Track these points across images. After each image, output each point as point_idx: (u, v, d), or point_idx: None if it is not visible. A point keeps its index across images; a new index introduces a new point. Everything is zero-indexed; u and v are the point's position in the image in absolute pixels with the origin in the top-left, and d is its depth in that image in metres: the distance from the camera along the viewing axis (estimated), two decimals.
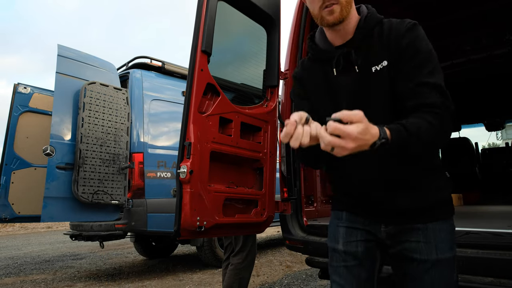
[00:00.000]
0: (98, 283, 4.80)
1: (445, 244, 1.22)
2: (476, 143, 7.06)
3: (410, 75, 1.18)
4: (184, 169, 2.20)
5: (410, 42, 1.22)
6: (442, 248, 1.21)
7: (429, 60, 1.20)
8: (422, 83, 1.15)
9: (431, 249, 1.21)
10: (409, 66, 1.20)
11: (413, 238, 1.24)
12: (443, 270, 1.20)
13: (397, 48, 1.22)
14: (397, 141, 1.04)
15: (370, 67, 1.26)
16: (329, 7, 1.24)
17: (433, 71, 1.18)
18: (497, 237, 2.05)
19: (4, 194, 4.43)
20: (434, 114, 1.11)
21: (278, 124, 2.99)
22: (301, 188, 2.90)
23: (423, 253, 1.21)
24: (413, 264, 1.23)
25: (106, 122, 4.30)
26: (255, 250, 3.03)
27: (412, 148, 1.09)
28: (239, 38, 3.02)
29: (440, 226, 1.24)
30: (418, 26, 1.26)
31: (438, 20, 4.23)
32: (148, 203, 4.64)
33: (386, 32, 1.26)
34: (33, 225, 14.86)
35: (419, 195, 1.25)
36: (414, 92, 1.16)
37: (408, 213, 1.26)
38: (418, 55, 1.20)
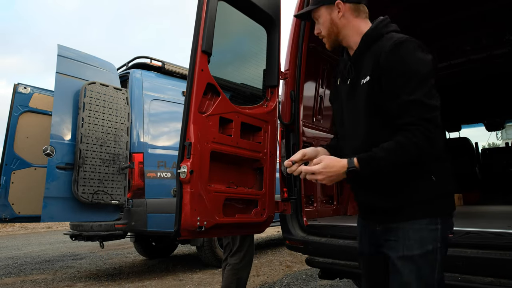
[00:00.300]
0: (98, 283, 4.80)
1: (413, 241, 1.31)
2: (476, 143, 7.06)
3: (393, 94, 1.29)
4: (184, 169, 2.20)
5: (393, 61, 1.30)
6: (409, 245, 1.31)
7: (410, 78, 1.27)
8: (403, 102, 1.26)
9: (399, 247, 1.33)
10: (391, 85, 1.30)
11: (390, 237, 1.38)
12: (412, 266, 1.29)
13: (380, 66, 1.32)
14: (365, 168, 1.27)
15: (360, 80, 1.40)
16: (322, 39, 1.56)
17: (415, 87, 1.25)
18: (497, 237, 2.05)
19: (4, 194, 4.42)
20: (407, 133, 1.24)
21: (278, 124, 2.99)
22: (301, 188, 2.90)
23: (393, 250, 1.35)
24: (390, 260, 1.37)
25: (106, 122, 4.30)
26: (253, 250, 3.01)
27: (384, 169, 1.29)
28: (239, 38, 3.02)
29: (410, 226, 1.33)
30: (405, 43, 1.32)
31: (437, 20, 4.24)
32: (148, 203, 4.63)
33: (377, 48, 1.36)
34: (33, 225, 14.85)
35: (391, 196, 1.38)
36: (397, 111, 1.28)
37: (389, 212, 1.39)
38: (399, 74, 1.29)
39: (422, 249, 1.30)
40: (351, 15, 1.49)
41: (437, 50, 5.07)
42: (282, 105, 3.04)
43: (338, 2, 1.47)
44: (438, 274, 1.33)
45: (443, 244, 1.35)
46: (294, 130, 2.94)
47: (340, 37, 1.51)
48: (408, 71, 1.27)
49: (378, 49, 1.35)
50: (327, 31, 1.52)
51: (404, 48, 1.31)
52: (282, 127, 3.01)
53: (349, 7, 1.48)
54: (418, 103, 1.23)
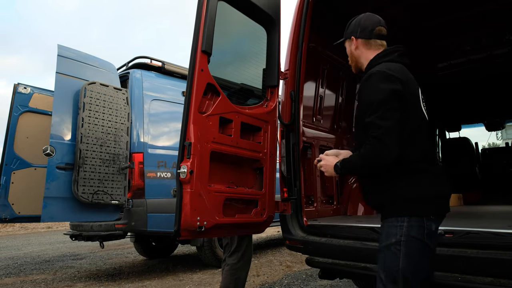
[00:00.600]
0: (98, 283, 4.80)
1: (383, 236, 1.67)
2: (476, 143, 7.06)
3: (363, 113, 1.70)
4: (184, 169, 2.20)
5: (362, 90, 1.76)
6: (381, 239, 1.68)
7: (369, 105, 1.65)
8: (366, 122, 1.65)
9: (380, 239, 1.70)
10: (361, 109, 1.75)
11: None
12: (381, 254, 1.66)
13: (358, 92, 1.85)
14: (344, 168, 1.75)
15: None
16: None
17: (371, 113, 1.63)
18: (497, 237, 2.05)
19: (4, 194, 4.42)
20: (367, 146, 1.62)
21: (278, 124, 2.99)
22: (301, 188, 2.90)
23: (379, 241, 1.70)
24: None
25: (106, 122, 4.29)
26: (251, 250, 3.01)
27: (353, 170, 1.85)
28: (239, 38, 3.02)
29: (383, 224, 1.71)
30: (372, 76, 1.69)
31: (437, 20, 4.23)
32: (148, 203, 4.63)
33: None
34: (33, 225, 14.84)
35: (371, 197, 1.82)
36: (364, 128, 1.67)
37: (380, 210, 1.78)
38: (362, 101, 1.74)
39: (386, 242, 1.64)
40: (364, 48, 1.88)
41: (437, 50, 5.07)
42: (282, 105, 3.04)
43: (352, 37, 1.90)
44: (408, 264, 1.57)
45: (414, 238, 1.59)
46: (294, 130, 2.94)
47: (359, 64, 1.93)
48: (368, 99, 1.67)
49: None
50: (350, 59, 1.97)
51: (370, 80, 1.69)
52: (282, 127, 3.00)
53: (361, 42, 1.88)
54: (372, 124, 1.61)
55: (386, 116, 1.59)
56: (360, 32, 1.88)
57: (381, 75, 1.66)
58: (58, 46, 4.21)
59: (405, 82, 1.68)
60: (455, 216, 3.63)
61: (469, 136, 7.05)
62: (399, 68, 1.72)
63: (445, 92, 6.64)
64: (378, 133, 1.58)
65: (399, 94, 1.63)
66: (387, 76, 1.65)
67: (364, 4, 3.83)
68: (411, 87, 1.72)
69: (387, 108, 1.60)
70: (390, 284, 1.58)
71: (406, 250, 1.58)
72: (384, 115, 1.59)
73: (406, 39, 4.68)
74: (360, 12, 2.05)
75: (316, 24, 3.52)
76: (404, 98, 1.64)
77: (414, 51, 5.10)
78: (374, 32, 1.86)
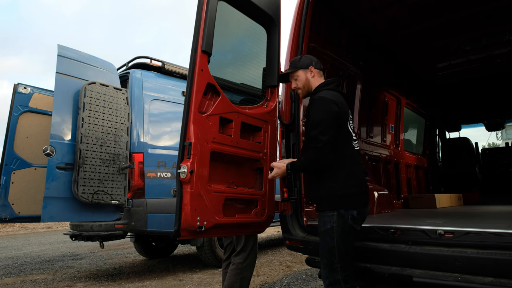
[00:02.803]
0: (98, 283, 4.80)
1: (321, 224, 2.25)
2: (476, 143, 7.06)
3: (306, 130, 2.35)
4: (184, 169, 2.20)
5: (308, 110, 2.34)
6: (320, 226, 2.26)
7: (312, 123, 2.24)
8: (309, 135, 2.26)
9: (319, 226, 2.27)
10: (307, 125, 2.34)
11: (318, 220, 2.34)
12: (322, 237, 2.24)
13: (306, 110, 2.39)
14: (291, 169, 2.36)
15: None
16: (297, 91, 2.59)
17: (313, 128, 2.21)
18: (497, 237, 2.05)
19: (4, 194, 4.42)
20: (307, 153, 2.29)
21: (278, 124, 2.99)
22: (301, 188, 2.90)
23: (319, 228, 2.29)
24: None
25: (106, 122, 4.29)
26: (256, 250, 3.03)
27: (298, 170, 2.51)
28: (240, 38, 3.02)
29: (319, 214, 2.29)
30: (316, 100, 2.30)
31: (438, 20, 4.23)
32: (148, 203, 4.63)
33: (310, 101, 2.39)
34: (33, 225, 14.85)
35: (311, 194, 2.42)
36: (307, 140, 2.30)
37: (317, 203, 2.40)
38: (308, 119, 2.32)
39: (324, 227, 2.22)
40: (317, 76, 2.49)
41: (437, 50, 5.07)
42: (282, 105, 3.04)
43: (311, 67, 2.47)
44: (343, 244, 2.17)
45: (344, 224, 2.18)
46: (294, 130, 2.94)
47: (309, 89, 2.48)
48: (312, 119, 2.25)
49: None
50: (303, 85, 2.49)
51: (314, 104, 2.28)
52: (282, 127, 3.01)
53: (316, 71, 2.49)
54: (314, 137, 2.20)
55: (325, 132, 2.17)
56: (315, 63, 2.49)
57: (324, 100, 2.26)
58: (58, 46, 4.21)
59: (340, 105, 2.26)
60: (455, 216, 3.64)
61: (469, 136, 7.06)
62: (335, 95, 2.31)
63: (445, 92, 6.65)
64: (318, 145, 2.18)
65: (336, 114, 2.21)
66: (328, 101, 2.24)
67: (364, 4, 3.85)
68: (344, 109, 2.29)
69: (326, 125, 2.18)
70: None
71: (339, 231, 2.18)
72: (323, 131, 2.17)
73: (406, 39, 4.70)
74: (360, 12, 2.06)
75: (315, 25, 3.52)
76: (338, 117, 2.23)
77: (414, 51, 5.11)
78: (320, 65, 2.53)
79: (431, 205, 4.83)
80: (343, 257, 2.16)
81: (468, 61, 5.43)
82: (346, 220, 2.19)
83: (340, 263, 2.15)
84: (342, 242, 2.16)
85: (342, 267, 2.15)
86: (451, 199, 5.32)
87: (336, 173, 2.24)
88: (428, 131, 6.94)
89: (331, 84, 2.42)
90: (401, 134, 5.81)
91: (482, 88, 6.24)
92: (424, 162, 6.67)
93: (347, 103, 2.43)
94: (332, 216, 2.19)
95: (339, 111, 2.23)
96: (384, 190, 4.37)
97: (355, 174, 2.28)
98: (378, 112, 5.29)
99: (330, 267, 2.17)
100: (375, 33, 4.45)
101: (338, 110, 2.22)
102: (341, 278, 2.14)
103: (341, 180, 2.24)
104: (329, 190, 2.23)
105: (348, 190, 2.23)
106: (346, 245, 2.18)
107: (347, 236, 2.20)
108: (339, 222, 2.17)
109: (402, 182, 5.55)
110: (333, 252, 2.16)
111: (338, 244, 2.15)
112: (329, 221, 2.19)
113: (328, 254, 2.18)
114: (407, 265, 2.23)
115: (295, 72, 2.50)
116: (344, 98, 2.40)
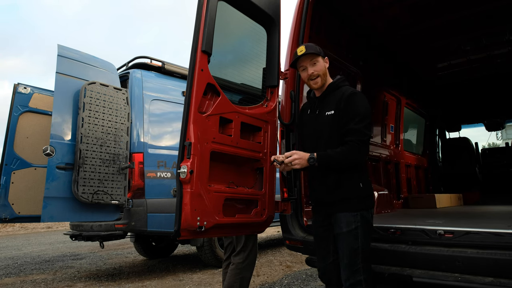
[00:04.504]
0: (98, 283, 4.80)
1: (343, 224, 2.17)
2: (476, 143, 7.06)
3: (347, 122, 2.17)
4: (184, 169, 2.20)
5: (349, 104, 2.19)
6: (340, 227, 2.18)
7: (357, 115, 2.15)
8: (351, 128, 2.14)
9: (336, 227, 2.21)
10: (347, 117, 2.18)
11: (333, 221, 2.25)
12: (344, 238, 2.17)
13: (340, 105, 2.22)
14: (321, 160, 2.15)
15: (325, 112, 2.29)
16: (314, 79, 2.32)
17: (358, 121, 2.13)
18: (497, 237, 2.05)
19: (4, 194, 4.42)
20: (348, 146, 2.13)
21: (278, 124, 2.99)
22: (301, 188, 2.90)
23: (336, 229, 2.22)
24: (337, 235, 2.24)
25: (106, 122, 4.29)
26: (256, 250, 3.03)
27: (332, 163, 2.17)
28: (240, 38, 3.02)
29: (340, 214, 2.19)
30: (356, 94, 2.23)
31: (438, 20, 4.23)
32: (148, 203, 4.63)
33: (339, 94, 2.27)
34: (33, 225, 14.85)
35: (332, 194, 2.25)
36: (346, 132, 2.16)
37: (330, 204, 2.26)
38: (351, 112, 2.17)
39: (347, 228, 2.15)
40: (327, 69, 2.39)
41: (437, 50, 5.07)
42: (282, 105, 3.04)
43: (326, 58, 2.38)
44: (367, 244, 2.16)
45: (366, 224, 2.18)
46: (294, 130, 2.94)
47: (324, 81, 2.34)
48: (357, 112, 2.16)
49: (339, 95, 2.25)
50: (321, 73, 2.31)
51: (356, 97, 2.21)
52: (282, 127, 3.00)
53: (328, 64, 2.41)
54: (359, 130, 2.12)
55: (368, 127, 2.16)
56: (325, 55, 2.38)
57: (364, 97, 2.23)
58: (58, 46, 4.21)
59: None
60: (455, 216, 3.64)
61: (469, 136, 7.06)
62: None
63: (445, 92, 6.65)
64: (364, 138, 2.13)
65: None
66: (365, 97, 2.24)
67: (364, 4, 3.84)
68: None
69: (370, 121, 2.18)
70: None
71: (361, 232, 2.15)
72: (367, 126, 2.15)
73: (406, 39, 4.70)
74: (360, 12, 2.06)
75: (315, 25, 3.52)
76: None
77: (414, 51, 5.11)
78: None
79: (431, 205, 4.83)
80: (365, 257, 2.14)
81: (468, 61, 5.43)
82: (369, 220, 2.19)
83: (363, 263, 2.12)
84: (366, 242, 2.15)
85: (364, 268, 2.13)
86: (451, 199, 5.32)
87: (362, 172, 2.25)
88: (428, 131, 6.95)
89: (347, 81, 2.40)
90: (401, 134, 5.81)
91: (482, 88, 6.24)
92: (424, 162, 6.67)
93: None
94: (356, 216, 2.15)
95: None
96: (384, 190, 4.37)
97: (368, 175, 2.34)
98: (378, 112, 5.29)
99: (353, 268, 2.12)
100: (375, 33, 4.45)
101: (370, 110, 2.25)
102: (363, 278, 2.11)
103: (366, 180, 2.25)
104: (357, 190, 2.19)
105: (371, 191, 2.28)
106: (368, 245, 2.19)
107: (369, 236, 2.21)
108: (363, 222, 2.15)
109: (402, 182, 5.55)
110: (357, 252, 2.12)
111: (362, 244, 2.13)
112: (353, 221, 2.15)
113: (351, 255, 2.13)
114: (407, 265, 2.24)
115: (317, 56, 2.30)
116: None
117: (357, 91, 2.26)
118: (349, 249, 2.13)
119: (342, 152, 2.13)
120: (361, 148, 2.12)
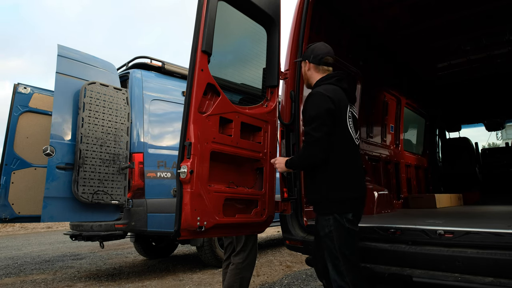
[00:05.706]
0: (98, 283, 4.80)
1: (319, 227, 2.21)
2: (476, 143, 7.06)
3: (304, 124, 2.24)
4: (184, 169, 2.20)
5: (304, 106, 2.27)
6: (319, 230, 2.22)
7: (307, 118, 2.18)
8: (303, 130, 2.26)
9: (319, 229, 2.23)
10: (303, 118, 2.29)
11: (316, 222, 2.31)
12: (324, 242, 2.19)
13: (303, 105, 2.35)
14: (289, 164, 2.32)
15: None
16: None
17: (307, 123, 2.17)
18: (497, 237, 2.05)
19: (4, 194, 4.42)
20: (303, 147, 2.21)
21: (278, 124, 2.99)
22: (301, 188, 2.89)
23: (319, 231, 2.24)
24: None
25: (106, 122, 4.29)
26: (256, 250, 3.03)
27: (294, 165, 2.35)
28: (240, 38, 3.02)
29: (318, 217, 2.25)
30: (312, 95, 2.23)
31: (438, 20, 4.23)
32: (148, 203, 4.63)
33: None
34: (33, 225, 14.85)
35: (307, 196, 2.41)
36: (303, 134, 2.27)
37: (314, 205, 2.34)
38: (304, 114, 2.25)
39: (323, 231, 2.18)
40: (313, 70, 2.42)
41: (437, 50, 5.07)
42: (282, 105, 3.04)
43: (305, 61, 2.45)
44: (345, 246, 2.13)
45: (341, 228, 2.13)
46: (294, 130, 2.94)
47: (309, 82, 2.45)
48: (307, 113, 2.19)
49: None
50: (303, 76, 2.51)
51: (310, 99, 2.22)
52: (282, 127, 3.00)
53: (312, 66, 2.41)
54: (307, 132, 2.15)
55: (318, 128, 2.11)
56: (313, 58, 2.40)
57: (319, 95, 2.19)
58: (58, 46, 4.21)
59: (337, 102, 2.17)
60: (455, 216, 3.64)
61: (469, 136, 7.06)
62: (333, 90, 2.23)
63: (445, 92, 6.65)
64: (311, 140, 2.12)
65: (330, 111, 2.14)
66: (323, 96, 2.17)
67: (364, 4, 3.84)
68: (341, 106, 2.20)
69: (321, 122, 2.12)
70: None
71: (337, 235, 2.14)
72: (317, 128, 2.12)
73: (406, 39, 4.70)
74: (360, 12, 2.06)
75: (315, 25, 3.52)
76: (334, 114, 2.15)
77: (414, 51, 5.12)
78: (323, 60, 2.38)
79: (431, 205, 4.83)
80: (347, 259, 2.11)
81: (468, 61, 5.43)
82: (343, 224, 2.13)
83: (345, 265, 2.10)
84: (344, 245, 2.12)
85: (347, 269, 2.10)
86: (451, 199, 5.32)
87: (329, 176, 2.16)
88: (428, 131, 6.95)
89: (332, 78, 2.31)
90: (401, 134, 5.81)
91: (482, 88, 6.24)
92: (424, 162, 6.68)
93: (349, 99, 2.31)
94: (328, 220, 2.14)
95: (333, 109, 2.14)
96: (384, 190, 4.37)
97: (350, 178, 2.19)
98: (378, 112, 5.29)
99: (336, 270, 2.13)
100: (375, 33, 4.45)
101: (333, 108, 2.14)
102: (349, 280, 2.09)
103: (334, 184, 2.16)
104: (321, 194, 2.18)
105: (341, 195, 2.15)
106: (348, 247, 2.13)
107: (348, 239, 2.14)
108: (336, 226, 2.13)
109: (402, 182, 5.55)
110: (336, 255, 2.11)
111: (340, 247, 2.11)
112: (326, 225, 2.15)
113: (331, 258, 2.14)
114: (407, 265, 2.24)
115: (302, 61, 2.52)
116: (345, 94, 2.28)
117: (314, 92, 2.24)
118: (328, 252, 2.16)
119: (298, 155, 2.31)
120: (308, 150, 2.14)
